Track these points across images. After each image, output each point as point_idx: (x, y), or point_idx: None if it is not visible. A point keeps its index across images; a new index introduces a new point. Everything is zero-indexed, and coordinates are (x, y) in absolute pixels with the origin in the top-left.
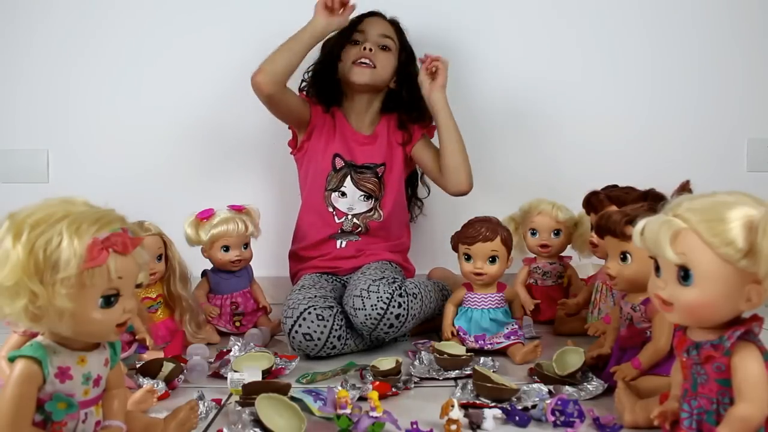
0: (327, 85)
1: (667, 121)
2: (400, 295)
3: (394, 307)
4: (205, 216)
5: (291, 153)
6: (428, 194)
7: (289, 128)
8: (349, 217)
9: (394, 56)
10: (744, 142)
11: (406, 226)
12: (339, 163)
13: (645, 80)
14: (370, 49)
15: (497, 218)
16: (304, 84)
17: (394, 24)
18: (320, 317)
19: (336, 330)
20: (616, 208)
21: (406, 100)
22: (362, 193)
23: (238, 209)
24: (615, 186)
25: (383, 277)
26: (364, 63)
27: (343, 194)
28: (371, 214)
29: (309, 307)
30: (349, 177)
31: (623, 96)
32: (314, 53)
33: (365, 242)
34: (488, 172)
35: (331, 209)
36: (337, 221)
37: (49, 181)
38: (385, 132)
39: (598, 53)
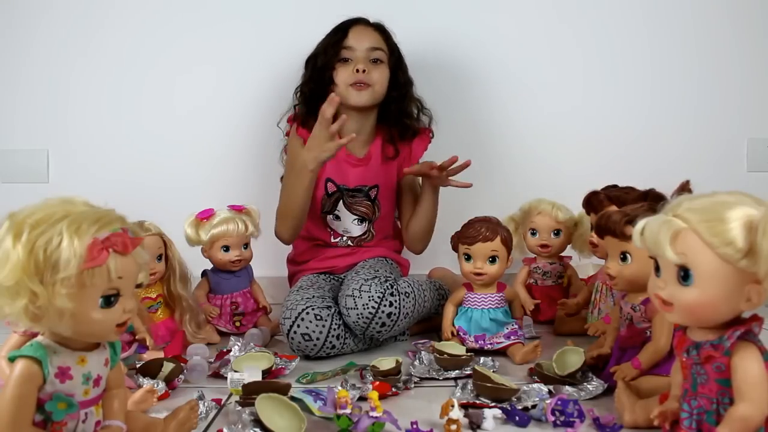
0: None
1: (667, 121)
2: (392, 294)
3: (385, 306)
4: (205, 216)
5: None
6: None
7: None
8: (344, 238)
9: (386, 66)
10: (744, 142)
11: (399, 232)
12: (331, 187)
13: (645, 80)
14: (364, 70)
15: (497, 218)
16: (296, 105)
17: (381, 30)
18: (318, 317)
19: (334, 329)
20: (616, 208)
21: (395, 113)
22: (355, 216)
23: (238, 209)
24: (615, 186)
25: (376, 276)
26: (361, 84)
27: (337, 217)
28: (365, 237)
29: (307, 307)
30: (341, 201)
31: (623, 96)
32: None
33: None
34: (488, 172)
35: (328, 230)
36: (333, 240)
37: (49, 181)
38: (379, 150)
39: (598, 53)
